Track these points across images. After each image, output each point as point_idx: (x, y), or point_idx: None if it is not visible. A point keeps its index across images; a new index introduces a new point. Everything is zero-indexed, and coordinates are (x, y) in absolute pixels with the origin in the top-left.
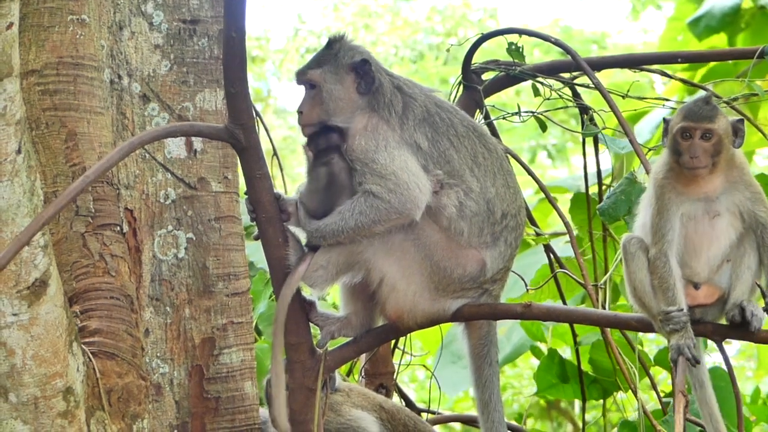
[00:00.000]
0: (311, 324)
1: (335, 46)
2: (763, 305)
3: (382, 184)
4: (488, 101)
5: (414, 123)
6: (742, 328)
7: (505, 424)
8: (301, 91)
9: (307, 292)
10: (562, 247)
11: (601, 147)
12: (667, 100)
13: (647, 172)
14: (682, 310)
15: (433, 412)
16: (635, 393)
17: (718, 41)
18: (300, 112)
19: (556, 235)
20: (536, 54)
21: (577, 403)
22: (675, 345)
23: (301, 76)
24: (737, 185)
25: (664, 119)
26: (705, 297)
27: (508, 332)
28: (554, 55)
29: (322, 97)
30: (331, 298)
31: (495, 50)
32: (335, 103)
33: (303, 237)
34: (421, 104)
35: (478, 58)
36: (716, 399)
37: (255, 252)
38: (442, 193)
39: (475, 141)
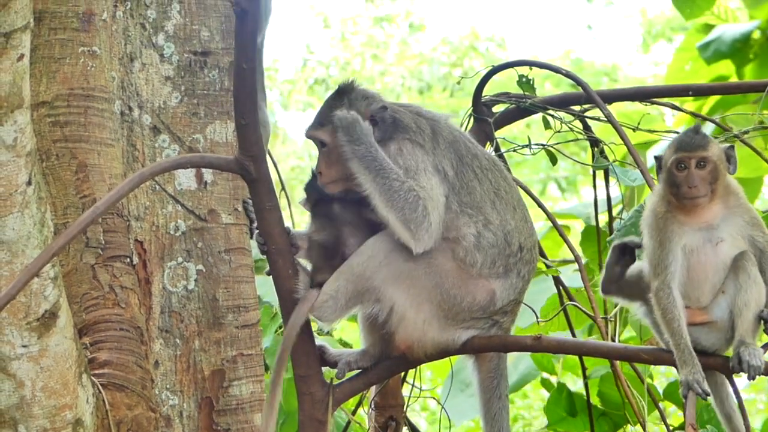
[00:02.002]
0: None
1: (344, 99)
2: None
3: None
4: (498, 134)
5: (444, 146)
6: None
7: None
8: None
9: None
10: (571, 276)
11: (612, 179)
12: (676, 132)
13: None
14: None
15: None
16: (644, 427)
17: (726, 70)
18: (319, 173)
19: (565, 262)
20: (547, 86)
21: None
22: (684, 380)
23: (309, 135)
24: (736, 210)
25: (655, 157)
26: (701, 316)
27: (515, 361)
28: (565, 87)
29: (337, 154)
30: (338, 334)
31: (505, 82)
32: None
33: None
34: (445, 126)
35: (488, 90)
36: None
37: (260, 285)
38: (462, 223)
39: (498, 174)
